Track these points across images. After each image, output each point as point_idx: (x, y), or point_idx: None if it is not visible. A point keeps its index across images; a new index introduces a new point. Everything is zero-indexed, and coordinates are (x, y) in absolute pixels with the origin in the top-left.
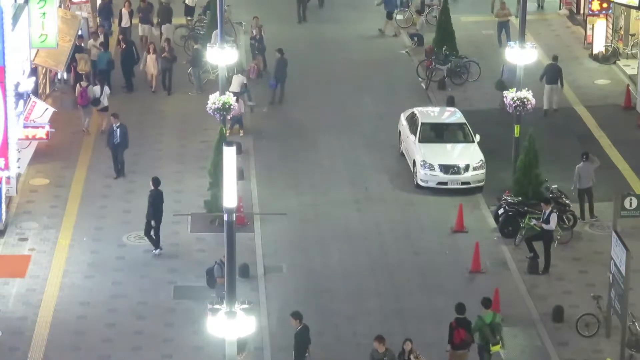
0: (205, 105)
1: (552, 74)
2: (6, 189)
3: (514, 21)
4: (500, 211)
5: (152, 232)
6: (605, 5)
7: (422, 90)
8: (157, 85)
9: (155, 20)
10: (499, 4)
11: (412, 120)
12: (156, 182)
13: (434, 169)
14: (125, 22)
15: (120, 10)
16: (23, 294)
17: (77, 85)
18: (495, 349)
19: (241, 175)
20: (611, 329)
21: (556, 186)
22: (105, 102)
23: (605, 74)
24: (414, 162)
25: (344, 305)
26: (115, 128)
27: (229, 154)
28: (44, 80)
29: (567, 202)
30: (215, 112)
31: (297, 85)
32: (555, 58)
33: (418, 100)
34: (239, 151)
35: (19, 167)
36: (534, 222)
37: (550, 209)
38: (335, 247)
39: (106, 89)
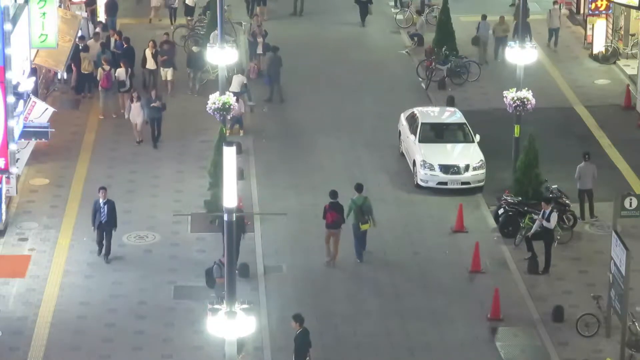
0: (205, 105)
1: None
2: (6, 189)
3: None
4: (500, 211)
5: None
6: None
7: (422, 90)
8: (144, 136)
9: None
10: (498, 19)
11: (412, 120)
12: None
13: (434, 169)
14: (150, 65)
15: (144, 51)
16: (23, 294)
17: (100, 69)
18: (364, 227)
19: (241, 175)
20: (611, 329)
21: (556, 186)
22: (128, 83)
23: (605, 74)
24: (414, 162)
25: (344, 305)
26: (102, 204)
27: (229, 154)
28: (43, 80)
29: (567, 202)
30: (215, 112)
31: (296, 85)
32: None
33: (418, 100)
34: (239, 151)
35: (17, 168)
36: (534, 217)
37: (550, 208)
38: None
39: (129, 70)
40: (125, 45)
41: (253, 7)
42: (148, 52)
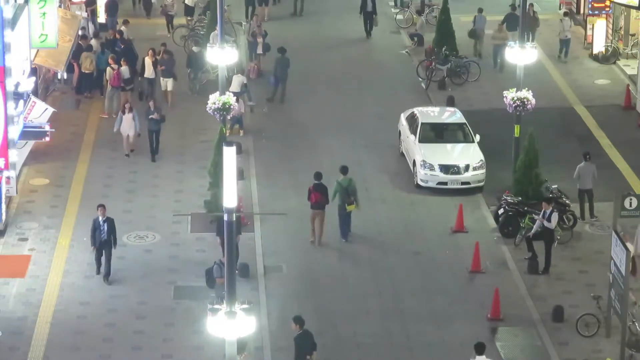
0: (205, 105)
1: (512, 21)
2: (6, 189)
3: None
4: (500, 211)
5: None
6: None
7: (422, 90)
8: (136, 147)
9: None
10: (497, 26)
11: (412, 120)
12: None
13: (434, 169)
14: (149, 73)
15: (143, 59)
16: (23, 294)
17: (108, 68)
18: (350, 207)
19: (241, 175)
20: (611, 329)
21: (556, 186)
22: (131, 81)
23: (605, 74)
24: (414, 162)
25: (344, 305)
26: (101, 222)
27: (229, 154)
28: (43, 80)
29: (567, 202)
30: (215, 112)
31: (297, 85)
32: (513, 7)
33: (418, 100)
34: (239, 151)
35: (14, 170)
36: (534, 217)
37: (550, 208)
38: (335, 247)
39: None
40: (122, 46)
41: (253, 10)
42: (147, 60)
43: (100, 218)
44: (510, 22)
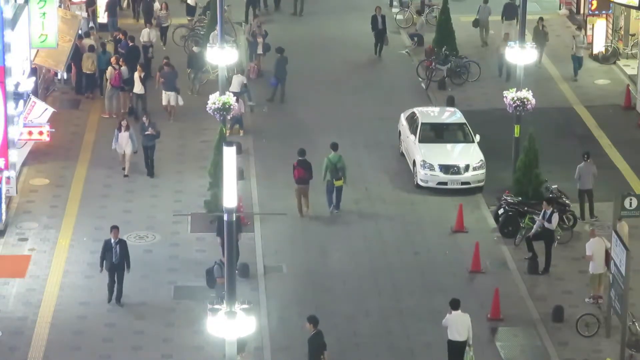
0: (205, 105)
1: (510, 11)
2: (6, 189)
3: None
4: (500, 211)
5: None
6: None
7: (422, 90)
8: (131, 167)
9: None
10: (503, 34)
11: (412, 120)
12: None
13: (434, 169)
14: (138, 89)
15: (133, 75)
16: (23, 294)
17: (110, 68)
18: (338, 183)
19: (241, 175)
20: (611, 329)
21: (556, 186)
22: (131, 82)
23: (605, 74)
24: (414, 162)
25: (344, 305)
26: (113, 244)
27: (229, 154)
28: (43, 80)
29: (567, 202)
30: (215, 112)
31: (297, 85)
32: None
33: (418, 100)
34: (239, 151)
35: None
36: (535, 217)
37: (551, 209)
38: (335, 247)
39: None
40: (130, 44)
41: (254, 11)
42: (136, 76)
43: (112, 240)
44: (507, 12)
